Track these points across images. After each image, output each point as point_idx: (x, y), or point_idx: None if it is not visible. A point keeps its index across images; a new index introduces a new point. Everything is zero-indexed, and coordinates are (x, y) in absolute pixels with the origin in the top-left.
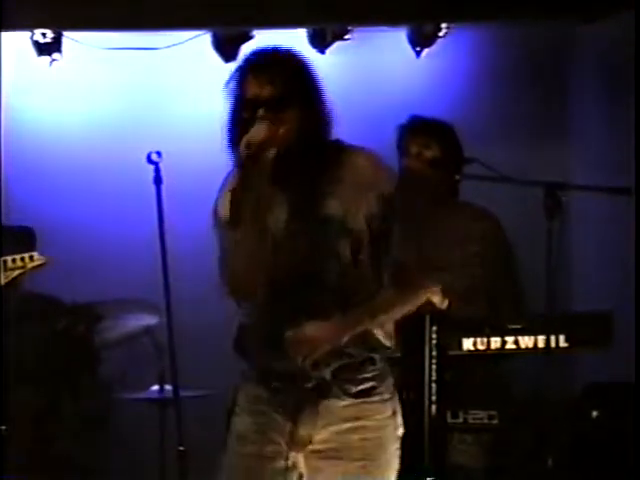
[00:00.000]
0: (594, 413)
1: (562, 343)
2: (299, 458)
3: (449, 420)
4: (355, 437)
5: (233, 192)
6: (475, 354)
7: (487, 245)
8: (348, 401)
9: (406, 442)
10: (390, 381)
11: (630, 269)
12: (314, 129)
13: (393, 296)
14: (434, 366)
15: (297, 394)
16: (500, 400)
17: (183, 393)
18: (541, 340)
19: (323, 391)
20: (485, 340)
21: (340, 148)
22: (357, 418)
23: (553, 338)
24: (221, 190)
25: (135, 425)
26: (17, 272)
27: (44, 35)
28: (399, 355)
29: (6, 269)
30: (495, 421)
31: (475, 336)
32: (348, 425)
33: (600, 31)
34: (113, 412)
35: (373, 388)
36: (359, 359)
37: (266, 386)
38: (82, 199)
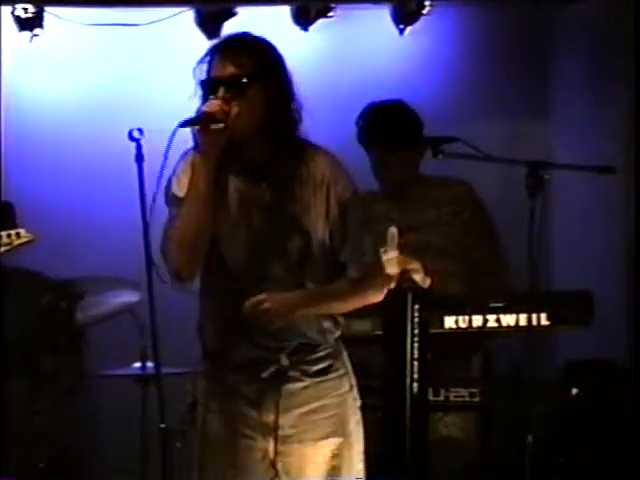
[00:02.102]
0: (574, 391)
1: (544, 321)
2: (269, 445)
3: (430, 398)
4: (318, 416)
5: (191, 167)
6: (457, 332)
7: (461, 206)
8: (307, 381)
9: (388, 420)
10: (344, 356)
11: (611, 248)
12: (274, 113)
13: (350, 286)
14: (416, 344)
15: (257, 382)
16: (481, 378)
17: (165, 370)
18: (523, 318)
19: (282, 376)
20: (467, 318)
21: (302, 145)
22: (317, 398)
23: (535, 316)
24: (175, 169)
25: (117, 401)
26: (4, 249)
27: (25, 10)
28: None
29: None
30: (476, 399)
31: (457, 314)
32: (310, 406)
33: (582, 11)
34: (95, 389)
35: (329, 366)
36: (311, 338)
37: (225, 378)
38: (64, 176)
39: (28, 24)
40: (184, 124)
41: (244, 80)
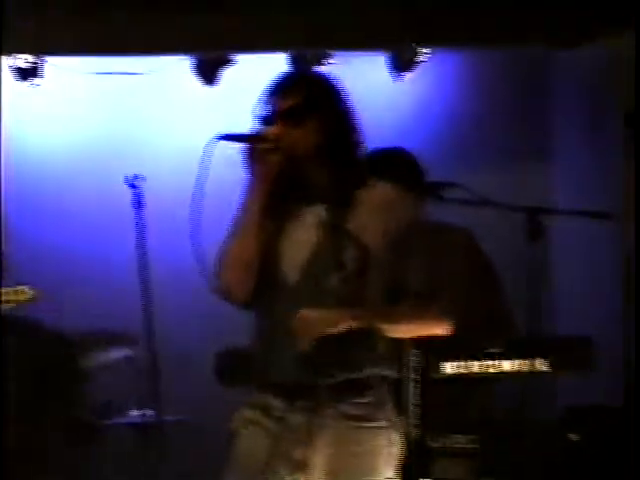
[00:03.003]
0: (573, 437)
1: (544, 367)
2: None
3: (430, 445)
4: (348, 461)
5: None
6: (456, 377)
7: (461, 252)
8: (344, 423)
9: None
10: (389, 409)
11: (611, 291)
12: (332, 140)
13: (405, 310)
14: (416, 390)
15: (295, 412)
16: (480, 424)
17: (164, 418)
18: (523, 364)
19: (320, 411)
20: (467, 364)
21: (362, 170)
22: (351, 443)
23: (535, 362)
24: None
25: (117, 449)
26: (9, 306)
27: (25, 60)
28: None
29: None
30: (475, 445)
31: (456, 360)
32: (342, 449)
33: (581, 56)
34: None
35: (370, 414)
36: (359, 375)
37: (267, 404)
38: (62, 224)
39: (27, 74)
40: (229, 137)
41: (299, 110)
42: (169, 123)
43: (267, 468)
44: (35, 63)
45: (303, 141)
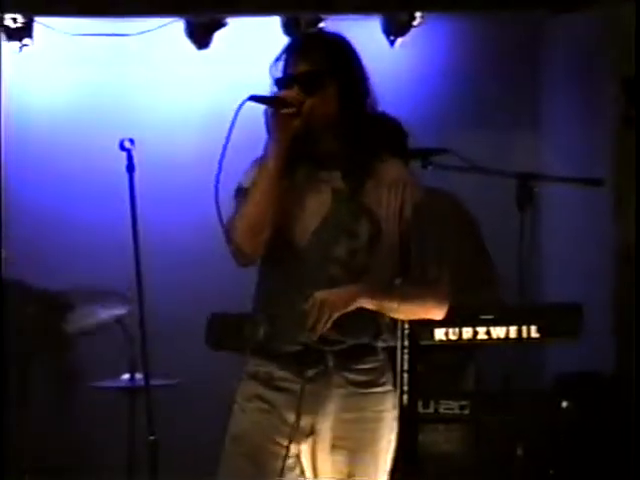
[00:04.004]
0: (564, 403)
1: (533, 334)
2: (303, 450)
3: (420, 410)
4: (355, 427)
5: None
6: (447, 344)
7: (453, 222)
8: (350, 390)
9: None
10: (389, 375)
11: (600, 258)
12: (348, 107)
13: (411, 292)
14: (406, 356)
15: (301, 382)
16: (472, 390)
17: (153, 382)
18: (513, 330)
19: (327, 379)
20: (457, 330)
21: (377, 140)
22: (357, 409)
23: (525, 329)
24: (249, 168)
25: (106, 413)
26: None
27: (14, 20)
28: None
29: None
30: (466, 411)
31: (447, 326)
32: (348, 415)
33: (569, 23)
34: (83, 400)
35: (375, 379)
36: (363, 342)
37: (271, 374)
38: (54, 186)
39: (17, 34)
40: (256, 98)
41: (317, 76)
42: (161, 86)
43: (271, 440)
44: (24, 23)
45: (320, 106)
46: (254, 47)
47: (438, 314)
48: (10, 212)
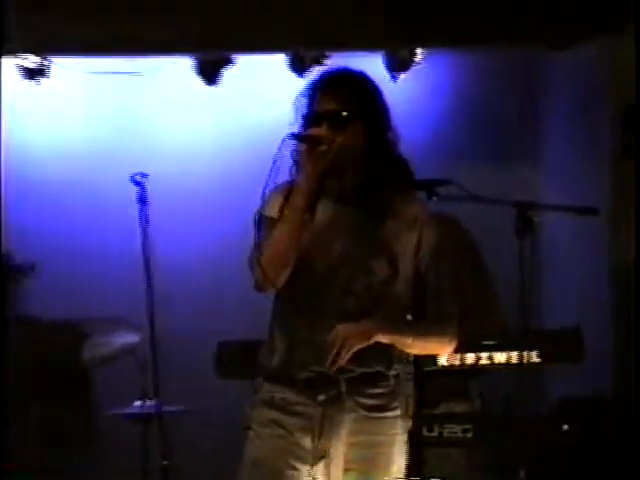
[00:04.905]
0: (564, 426)
1: (534, 358)
2: (317, 473)
3: (425, 434)
4: (367, 450)
5: (290, 188)
6: (450, 369)
7: (459, 248)
8: (362, 414)
9: None
10: (403, 399)
11: (598, 285)
12: (372, 144)
13: (425, 329)
14: (410, 382)
15: (314, 405)
16: (474, 414)
17: (165, 408)
18: (514, 356)
19: (339, 403)
20: (460, 356)
21: (397, 179)
22: (370, 432)
23: (526, 354)
24: (269, 195)
25: (119, 440)
26: None
27: (30, 60)
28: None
29: None
30: (469, 435)
31: (450, 352)
32: (361, 438)
33: (571, 58)
34: (97, 427)
35: (386, 404)
36: (374, 370)
37: (286, 400)
38: (68, 218)
39: (34, 73)
40: (294, 136)
41: (345, 114)
42: (171, 122)
43: (287, 464)
44: (42, 63)
45: (346, 144)
46: (261, 83)
47: (448, 350)
48: (26, 243)
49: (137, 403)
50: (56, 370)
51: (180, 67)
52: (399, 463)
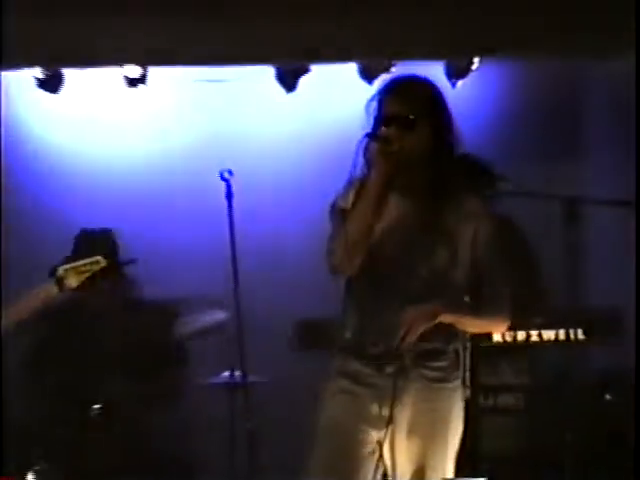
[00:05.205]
0: (607, 396)
1: (580, 336)
2: (383, 437)
3: (481, 403)
4: (428, 416)
5: (362, 183)
6: (503, 345)
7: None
8: (425, 384)
9: None
10: (460, 372)
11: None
12: (435, 144)
13: (481, 310)
14: (468, 356)
15: (382, 376)
16: (525, 385)
17: (250, 379)
18: (561, 333)
19: (404, 374)
20: (512, 333)
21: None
22: (432, 400)
23: (572, 331)
24: (343, 189)
25: (209, 407)
26: (86, 275)
27: (133, 70)
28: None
29: (78, 273)
30: (520, 403)
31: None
32: (423, 406)
33: (612, 67)
34: (189, 396)
35: (446, 376)
36: (436, 346)
37: (357, 371)
38: (165, 215)
39: (135, 81)
40: (370, 136)
41: (412, 117)
42: (255, 124)
43: (357, 428)
44: (142, 73)
45: (413, 143)
46: (334, 90)
47: (501, 329)
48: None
49: (225, 374)
50: (155, 345)
51: (263, 75)
52: (457, 428)
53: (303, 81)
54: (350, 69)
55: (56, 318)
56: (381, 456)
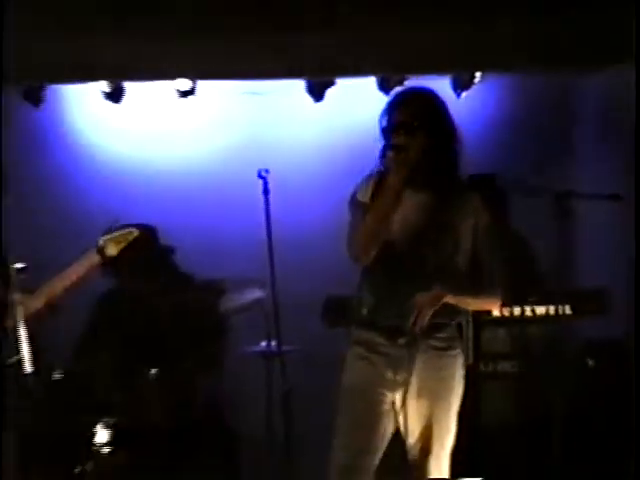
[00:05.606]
0: (590, 362)
1: (567, 311)
2: (396, 398)
3: (482, 369)
4: (435, 381)
5: (378, 184)
6: (501, 320)
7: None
8: (432, 353)
9: None
10: (459, 342)
11: (623, 253)
12: (438, 148)
13: (480, 292)
14: (471, 329)
15: (395, 346)
16: (520, 353)
17: (284, 348)
18: (552, 309)
19: (414, 345)
20: (509, 309)
21: (460, 177)
22: (438, 367)
23: (560, 308)
24: (362, 183)
25: (249, 372)
26: (123, 245)
27: (183, 83)
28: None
29: (116, 243)
30: (515, 369)
31: (501, 306)
32: (431, 372)
33: (599, 80)
34: (232, 362)
35: (450, 345)
36: (442, 321)
37: (373, 341)
38: (214, 208)
39: (185, 93)
40: (387, 145)
41: (416, 124)
42: (287, 130)
43: (375, 390)
44: (192, 86)
45: (419, 146)
46: (356, 100)
47: (495, 307)
48: (185, 229)
49: (262, 344)
50: (201, 318)
51: (294, 88)
52: (459, 390)
53: (329, 92)
54: (370, 82)
55: (119, 298)
56: (395, 414)
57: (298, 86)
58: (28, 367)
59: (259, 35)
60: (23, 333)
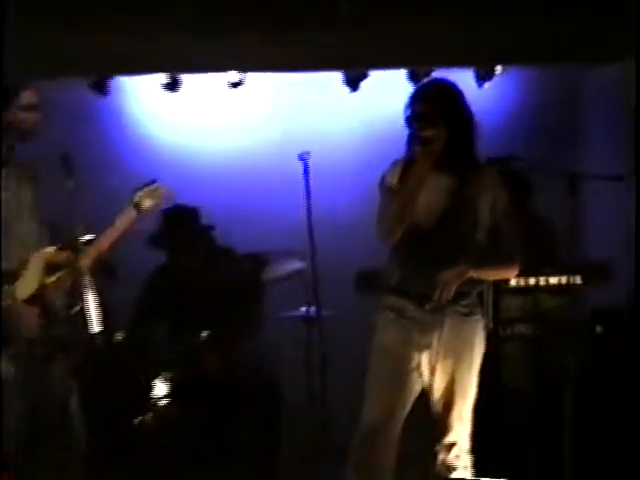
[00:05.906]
0: (598, 328)
1: (578, 281)
2: (423, 358)
3: (501, 332)
4: (458, 343)
5: (405, 169)
6: (518, 288)
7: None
8: (456, 318)
9: None
10: (485, 309)
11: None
12: (456, 136)
13: (499, 264)
14: (491, 296)
15: (423, 311)
16: (535, 319)
17: (323, 313)
18: (564, 279)
19: (440, 310)
20: (525, 279)
21: (478, 160)
22: (460, 330)
23: (572, 278)
24: (390, 167)
25: (289, 336)
26: (156, 199)
27: (234, 75)
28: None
29: (149, 197)
30: (531, 332)
31: (518, 276)
32: (454, 334)
33: (607, 73)
34: (274, 326)
35: (471, 312)
36: (465, 289)
37: (403, 307)
38: (260, 188)
39: (235, 84)
40: (412, 136)
41: (435, 114)
42: (325, 118)
43: (404, 350)
44: (241, 78)
45: (441, 136)
46: (388, 90)
47: (512, 276)
48: (237, 209)
49: (302, 309)
50: (244, 287)
51: (330, 79)
52: (479, 351)
53: (364, 84)
54: (400, 74)
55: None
56: (421, 373)
57: (336, 78)
58: (96, 326)
59: (295, 33)
60: (91, 295)
